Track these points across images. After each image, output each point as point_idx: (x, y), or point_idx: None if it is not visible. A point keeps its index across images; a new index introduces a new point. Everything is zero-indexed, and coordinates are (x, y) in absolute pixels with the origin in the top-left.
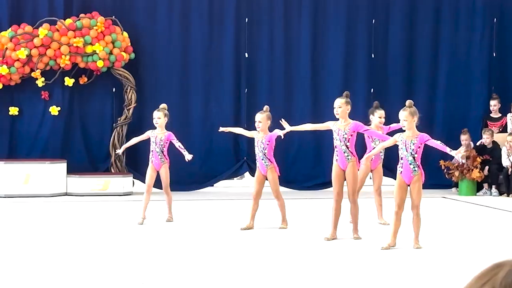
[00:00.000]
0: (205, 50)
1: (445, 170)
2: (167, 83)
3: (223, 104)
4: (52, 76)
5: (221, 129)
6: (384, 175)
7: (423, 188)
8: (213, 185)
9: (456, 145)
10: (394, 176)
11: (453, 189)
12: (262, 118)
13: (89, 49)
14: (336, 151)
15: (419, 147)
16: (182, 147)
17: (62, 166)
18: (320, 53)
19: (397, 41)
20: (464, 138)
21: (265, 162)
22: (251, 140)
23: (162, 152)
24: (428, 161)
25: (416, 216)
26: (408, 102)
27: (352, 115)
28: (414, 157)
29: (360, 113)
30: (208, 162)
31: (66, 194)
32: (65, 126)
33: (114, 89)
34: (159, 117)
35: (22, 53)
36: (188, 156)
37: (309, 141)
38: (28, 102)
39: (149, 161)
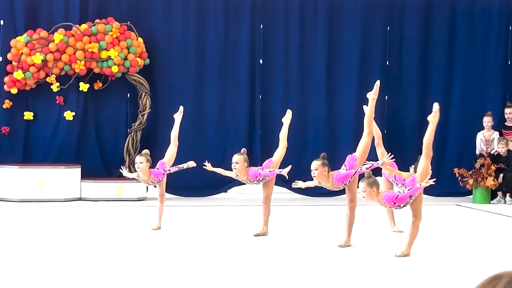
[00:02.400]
0: (219, 56)
1: (459, 178)
2: (182, 89)
3: (237, 111)
4: (67, 81)
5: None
6: None
7: (438, 196)
8: (226, 191)
9: (471, 154)
10: None
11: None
12: (239, 159)
13: (104, 55)
14: None
15: (394, 203)
16: (178, 165)
17: (76, 171)
18: (335, 60)
19: (412, 48)
20: (487, 120)
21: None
22: (265, 146)
23: (161, 180)
24: (442, 168)
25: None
26: (367, 172)
27: None
28: (411, 201)
29: (374, 120)
30: (222, 168)
31: (80, 199)
32: (79, 131)
33: (128, 95)
34: (141, 161)
35: (38, 58)
36: (191, 164)
37: (323, 148)
38: (43, 107)
39: None
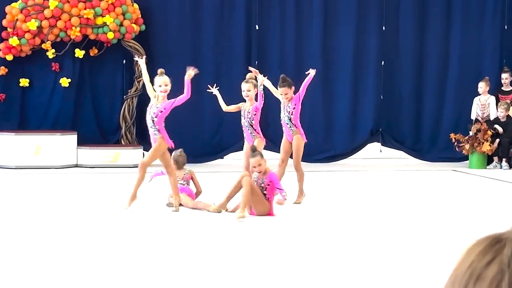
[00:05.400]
0: (215, 22)
1: (455, 143)
2: (177, 55)
3: (233, 76)
4: (62, 47)
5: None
6: None
7: (434, 161)
8: (223, 158)
9: (468, 119)
10: None
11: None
12: (249, 86)
13: (99, 21)
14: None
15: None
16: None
17: (72, 137)
18: (331, 24)
19: (409, 13)
20: (480, 85)
21: (251, 133)
22: (262, 110)
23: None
24: (438, 134)
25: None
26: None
27: (363, 88)
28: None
29: (371, 85)
30: (218, 135)
31: (76, 165)
32: (75, 98)
33: (124, 61)
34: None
35: (33, 25)
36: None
37: (320, 114)
38: (38, 73)
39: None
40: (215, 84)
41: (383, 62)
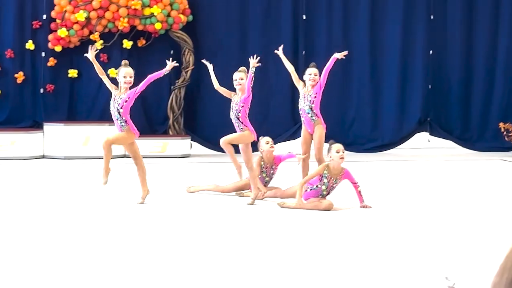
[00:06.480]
0: (262, 12)
1: (504, 133)
2: (225, 45)
3: (280, 67)
4: (110, 38)
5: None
6: None
7: (482, 150)
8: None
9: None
10: None
11: None
12: (241, 75)
13: (147, 12)
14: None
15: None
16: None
17: None
18: (378, 14)
19: (457, 1)
20: None
21: (239, 126)
22: None
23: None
24: (487, 123)
25: None
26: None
27: (411, 77)
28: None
29: (418, 74)
30: (265, 125)
31: (124, 156)
32: None
33: (172, 52)
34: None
35: (81, 16)
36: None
37: (368, 103)
38: (87, 64)
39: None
40: (210, 62)
41: (431, 52)
